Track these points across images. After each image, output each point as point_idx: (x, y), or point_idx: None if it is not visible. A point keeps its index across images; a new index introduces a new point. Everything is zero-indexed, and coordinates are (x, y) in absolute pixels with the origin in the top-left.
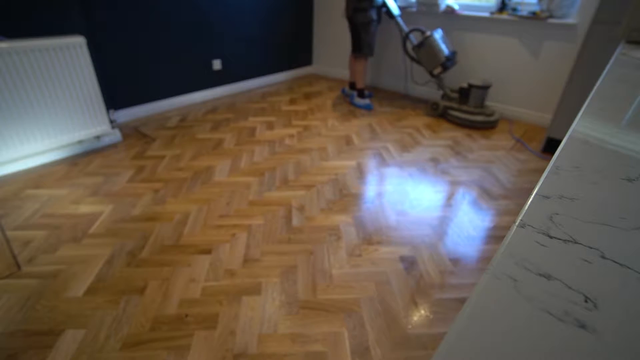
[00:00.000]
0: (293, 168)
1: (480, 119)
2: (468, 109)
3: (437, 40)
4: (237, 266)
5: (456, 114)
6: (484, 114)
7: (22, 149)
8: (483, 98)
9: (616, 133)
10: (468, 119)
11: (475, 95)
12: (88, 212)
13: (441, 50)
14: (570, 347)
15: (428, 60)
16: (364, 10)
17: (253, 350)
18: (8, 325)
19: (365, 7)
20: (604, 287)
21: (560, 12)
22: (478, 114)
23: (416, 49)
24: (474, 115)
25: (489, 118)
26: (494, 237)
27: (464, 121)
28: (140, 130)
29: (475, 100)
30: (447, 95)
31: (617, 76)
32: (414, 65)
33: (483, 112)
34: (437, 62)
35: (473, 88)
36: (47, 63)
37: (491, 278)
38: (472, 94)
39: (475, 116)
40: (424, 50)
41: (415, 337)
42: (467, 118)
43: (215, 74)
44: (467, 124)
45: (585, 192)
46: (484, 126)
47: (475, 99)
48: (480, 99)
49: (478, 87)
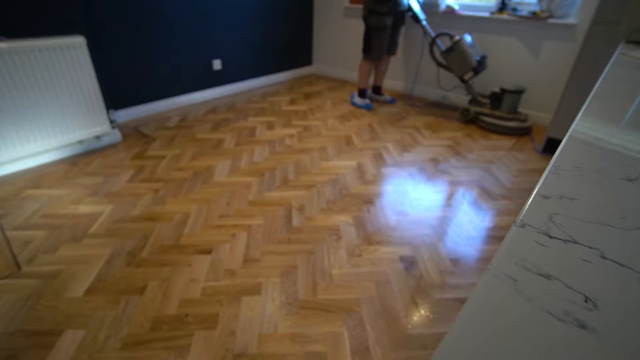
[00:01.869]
0: (293, 168)
1: (514, 125)
2: (501, 114)
3: (467, 45)
4: (237, 266)
5: (489, 120)
6: (518, 119)
7: (22, 149)
8: (516, 103)
9: (616, 133)
10: (502, 125)
11: (509, 100)
12: (88, 212)
13: (472, 54)
14: (570, 347)
15: (458, 66)
16: (380, 15)
17: (253, 350)
18: (8, 325)
19: (381, 11)
20: (604, 287)
21: (560, 12)
22: (512, 119)
23: (445, 54)
24: (508, 121)
25: (523, 124)
26: (494, 237)
27: (498, 127)
28: (140, 130)
29: (508, 106)
30: (476, 101)
31: (617, 76)
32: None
33: (517, 117)
34: (468, 67)
35: (506, 93)
36: (47, 63)
37: (491, 278)
38: (505, 100)
39: (509, 122)
40: (454, 55)
41: (415, 337)
42: (501, 124)
43: (215, 74)
44: (502, 131)
45: (585, 192)
46: (519, 133)
47: (508, 104)
48: (513, 105)
49: (511, 92)
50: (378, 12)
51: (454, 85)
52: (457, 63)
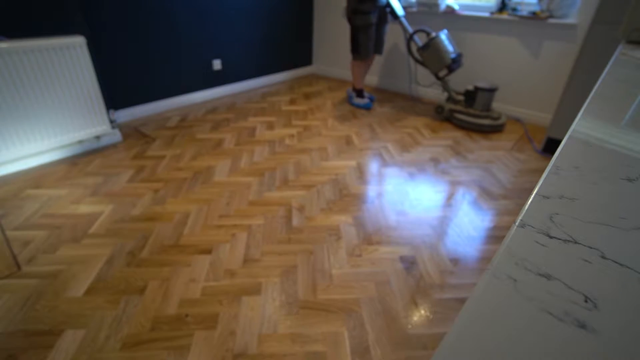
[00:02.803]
0: (293, 168)
1: (487, 123)
2: (475, 112)
3: (443, 42)
4: (237, 266)
5: (462, 117)
6: (491, 117)
7: (22, 149)
8: (489, 101)
9: (616, 133)
10: (475, 123)
11: (482, 98)
12: (88, 212)
13: (447, 52)
14: (570, 347)
15: (433, 62)
16: (364, 13)
17: (253, 350)
18: (8, 325)
19: (364, 9)
20: (604, 287)
21: (560, 12)
22: (485, 117)
23: (421, 51)
24: (481, 118)
25: (495, 122)
26: (494, 237)
27: (471, 125)
28: (140, 130)
29: (481, 104)
30: (452, 98)
31: (617, 76)
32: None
33: (490, 115)
34: (443, 65)
35: (479, 91)
36: (47, 63)
37: (491, 278)
38: (479, 97)
39: (482, 120)
40: (429, 52)
41: (415, 337)
42: (474, 122)
43: (215, 74)
44: (474, 128)
45: (585, 192)
46: (491, 130)
47: (481, 102)
48: (486, 102)
49: (484, 90)
50: (362, 11)
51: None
52: (432, 60)
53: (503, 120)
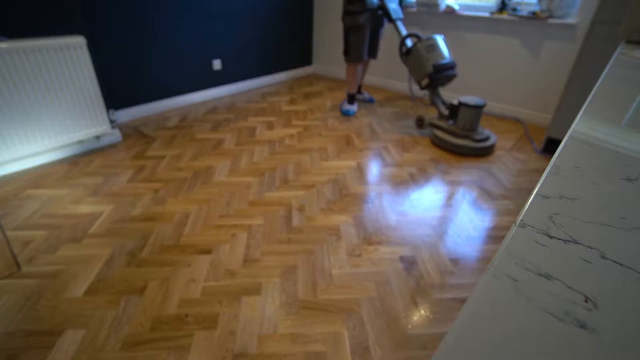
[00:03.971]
0: (293, 168)
1: (463, 144)
2: (454, 130)
3: (426, 49)
4: (237, 266)
5: (439, 134)
6: (472, 138)
7: (22, 149)
8: (474, 120)
9: (616, 133)
10: (449, 142)
11: (465, 115)
12: (88, 212)
13: (429, 59)
14: (570, 347)
15: (414, 70)
16: (353, 15)
17: (253, 350)
18: (8, 325)
19: (353, 10)
20: (604, 287)
21: (560, 12)
22: (464, 137)
23: (404, 57)
24: (459, 138)
25: (476, 144)
26: (494, 237)
27: (445, 144)
28: (140, 130)
29: (463, 122)
30: (438, 111)
31: (617, 76)
32: None
33: (470, 136)
34: (423, 73)
35: (462, 107)
36: (47, 63)
37: (491, 278)
38: (461, 114)
39: (460, 140)
40: (411, 58)
41: (415, 337)
42: (449, 140)
43: (215, 74)
44: (448, 148)
45: (585, 192)
46: (470, 153)
47: (463, 119)
48: (470, 121)
49: (468, 107)
50: (351, 11)
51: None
52: (413, 67)
53: (488, 143)
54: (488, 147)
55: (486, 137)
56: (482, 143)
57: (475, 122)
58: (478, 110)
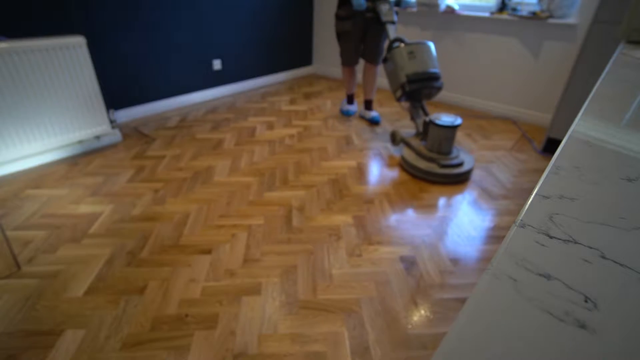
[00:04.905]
0: (293, 168)
1: (424, 168)
2: (422, 150)
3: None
4: (237, 266)
5: (405, 153)
6: (435, 161)
7: (22, 149)
8: (445, 142)
9: (616, 133)
10: (410, 163)
11: (433, 135)
12: (88, 212)
13: (403, 68)
14: (570, 347)
15: (389, 79)
16: (340, 20)
17: (253, 350)
18: (8, 325)
19: (341, 15)
20: (604, 287)
21: (560, 12)
22: (428, 160)
23: (384, 64)
24: (420, 159)
25: (440, 170)
26: (494, 237)
27: (406, 164)
28: (140, 130)
29: (432, 143)
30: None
31: (617, 76)
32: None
33: (434, 159)
34: (397, 84)
35: (431, 126)
36: (47, 63)
37: (491, 278)
38: (430, 134)
39: (421, 162)
40: (388, 65)
41: (415, 337)
42: (410, 161)
43: (215, 74)
44: (409, 169)
45: (585, 192)
46: (430, 178)
47: (432, 140)
48: (440, 142)
49: (437, 126)
50: (338, 16)
51: None
52: (389, 76)
53: (456, 171)
54: (455, 175)
55: (458, 162)
56: (448, 169)
57: (446, 145)
58: (449, 131)
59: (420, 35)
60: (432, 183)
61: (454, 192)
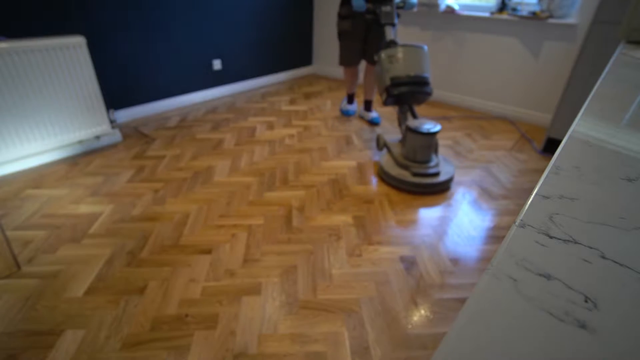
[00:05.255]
0: (293, 168)
1: (396, 175)
2: (397, 157)
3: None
4: (237, 266)
5: (383, 159)
6: (408, 169)
7: (22, 149)
8: (417, 149)
9: (616, 133)
10: (383, 169)
11: (410, 142)
12: (88, 212)
13: (388, 71)
14: (570, 347)
15: (378, 83)
16: (340, 18)
17: (253, 350)
18: (8, 325)
19: (341, 13)
20: (604, 287)
21: (560, 12)
22: (401, 167)
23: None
24: (393, 166)
25: (411, 179)
26: (494, 237)
27: (381, 171)
28: (140, 130)
29: (407, 149)
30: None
31: (617, 76)
32: None
33: (408, 166)
34: (382, 87)
35: (408, 132)
36: (47, 63)
37: (491, 278)
38: (407, 140)
39: (394, 169)
40: (377, 69)
41: (415, 337)
42: (383, 167)
43: (215, 74)
44: (382, 176)
45: (585, 192)
46: (400, 187)
47: (408, 147)
48: (412, 150)
49: (413, 133)
50: (339, 15)
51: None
52: (377, 79)
53: (429, 181)
54: (428, 185)
55: (433, 172)
56: (419, 178)
57: (421, 153)
58: (425, 138)
59: (420, 35)
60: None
61: (454, 192)
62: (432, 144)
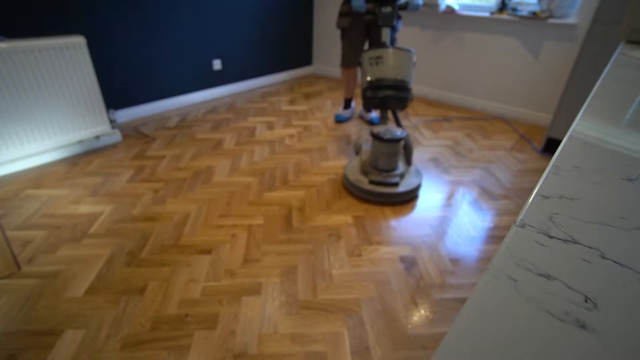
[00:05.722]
0: (293, 168)
1: (353, 181)
2: (363, 165)
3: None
4: (237, 266)
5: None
6: (371, 180)
7: (22, 149)
8: (379, 157)
9: (616, 133)
10: (346, 177)
11: (373, 148)
12: (88, 212)
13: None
14: (570, 347)
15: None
16: (340, 15)
17: (253, 350)
18: (8, 325)
19: (342, 11)
20: (604, 287)
21: (560, 12)
22: (363, 173)
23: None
24: (356, 173)
25: (366, 186)
26: (494, 237)
27: (344, 179)
28: (140, 130)
29: (372, 157)
30: None
31: (617, 76)
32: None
33: (369, 174)
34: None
35: (372, 139)
36: (47, 63)
37: (491, 278)
38: (371, 148)
39: (353, 174)
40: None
41: (415, 337)
42: (345, 172)
43: (215, 74)
44: (343, 182)
45: (585, 192)
46: (355, 192)
47: (372, 155)
48: (374, 157)
49: (376, 139)
50: (340, 12)
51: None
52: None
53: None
54: (382, 194)
55: (391, 182)
56: (374, 187)
57: (383, 161)
58: (386, 146)
59: (420, 35)
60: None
61: (454, 192)
62: (395, 152)
